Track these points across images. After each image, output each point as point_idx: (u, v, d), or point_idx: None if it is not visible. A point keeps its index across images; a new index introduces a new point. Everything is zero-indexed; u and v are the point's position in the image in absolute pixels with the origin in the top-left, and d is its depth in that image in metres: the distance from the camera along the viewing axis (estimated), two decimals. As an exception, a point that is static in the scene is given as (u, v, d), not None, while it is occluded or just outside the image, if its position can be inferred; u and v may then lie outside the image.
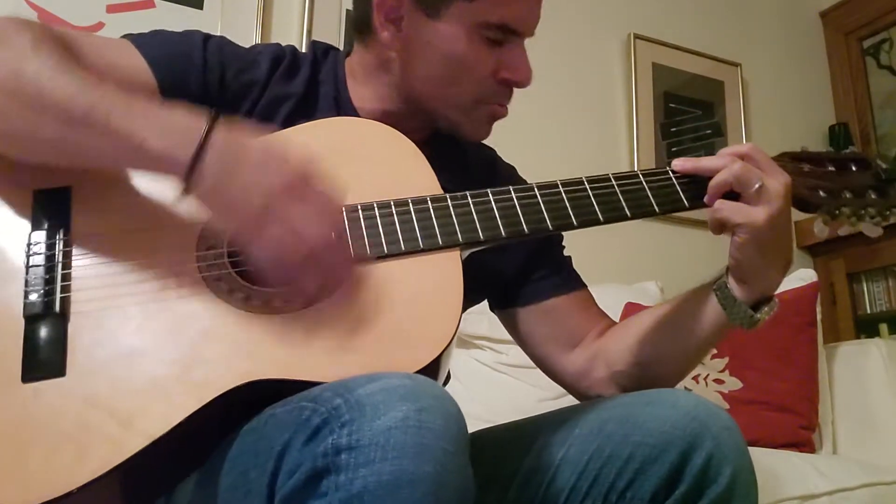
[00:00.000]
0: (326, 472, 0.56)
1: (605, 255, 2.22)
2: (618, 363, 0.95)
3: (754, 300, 0.84)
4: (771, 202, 0.79)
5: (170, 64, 0.86)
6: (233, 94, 0.89)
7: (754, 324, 0.84)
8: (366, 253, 0.76)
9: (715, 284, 0.86)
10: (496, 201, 0.83)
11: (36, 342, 0.70)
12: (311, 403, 0.61)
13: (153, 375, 0.69)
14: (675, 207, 0.85)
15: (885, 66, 2.85)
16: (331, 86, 0.95)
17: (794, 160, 0.91)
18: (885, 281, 2.56)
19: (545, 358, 1.02)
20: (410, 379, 0.61)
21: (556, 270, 1.03)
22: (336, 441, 0.57)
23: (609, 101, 2.53)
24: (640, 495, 0.73)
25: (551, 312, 1.01)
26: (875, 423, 1.82)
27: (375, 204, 0.80)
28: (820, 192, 0.89)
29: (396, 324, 0.73)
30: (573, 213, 0.83)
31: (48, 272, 0.73)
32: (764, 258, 0.81)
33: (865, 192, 0.90)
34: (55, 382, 0.68)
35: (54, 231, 0.75)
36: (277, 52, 0.95)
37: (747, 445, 0.76)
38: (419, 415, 0.57)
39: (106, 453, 0.64)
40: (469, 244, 0.80)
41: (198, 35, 0.91)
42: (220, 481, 0.68)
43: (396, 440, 0.56)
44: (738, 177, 0.80)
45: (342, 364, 0.69)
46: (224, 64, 0.89)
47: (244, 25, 2.04)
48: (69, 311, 0.72)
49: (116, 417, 0.66)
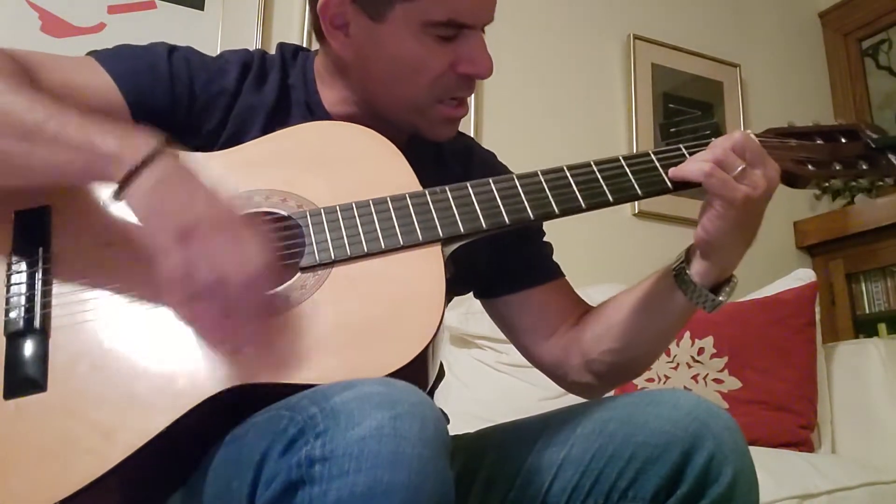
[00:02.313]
0: (301, 484, 0.56)
1: (604, 255, 2.22)
2: (590, 352, 0.96)
3: (713, 280, 0.84)
4: (756, 184, 0.79)
5: (135, 77, 0.86)
6: (202, 105, 0.89)
7: (716, 306, 0.84)
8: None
9: (674, 271, 0.86)
10: (476, 193, 0.82)
11: (17, 359, 0.70)
12: (289, 412, 0.61)
13: (133, 387, 0.68)
14: (659, 190, 0.84)
15: (883, 67, 2.85)
16: (301, 90, 0.94)
17: (780, 136, 0.89)
18: (883, 281, 2.56)
19: (525, 345, 1.04)
20: (386, 385, 0.61)
21: (532, 261, 1.03)
22: (310, 452, 0.56)
23: (608, 102, 2.54)
24: (642, 495, 0.73)
25: (530, 302, 1.01)
26: (874, 423, 1.83)
27: (354, 204, 0.79)
28: (809, 165, 0.87)
29: (378, 322, 0.72)
30: (554, 200, 0.82)
31: (29, 289, 0.73)
32: (733, 234, 0.81)
33: (856, 162, 0.88)
34: (37, 398, 0.68)
35: (34, 249, 0.76)
36: (245, 59, 0.94)
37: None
38: (394, 422, 0.57)
39: (88, 466, 0.64)
40: (450, 238, 0.79)
41: (162, 46, 0.91)
42: (205, 489, 0.68)
43: (370, 450, 0.55)
44: (719, 160, 0.79)
45: (323, 366, 0.69)
46: (191, 75, 0.89)
47: (245, 26, 2.04)
48: (50, 327, 0.72)
49: (98, 430, 0.66)
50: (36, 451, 0.66)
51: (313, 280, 0.75)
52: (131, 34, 0.93)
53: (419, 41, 0.85)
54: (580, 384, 1.00)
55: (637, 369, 1.00)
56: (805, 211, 2.69)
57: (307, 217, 0.79)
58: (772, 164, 0.82)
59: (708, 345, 1.81)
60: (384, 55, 0.87)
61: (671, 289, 0.87)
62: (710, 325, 1.82)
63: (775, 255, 2.56)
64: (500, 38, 2.44)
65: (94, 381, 0.69)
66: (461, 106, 0.91)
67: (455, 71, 0.87)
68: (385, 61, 0.88)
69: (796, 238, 2.67)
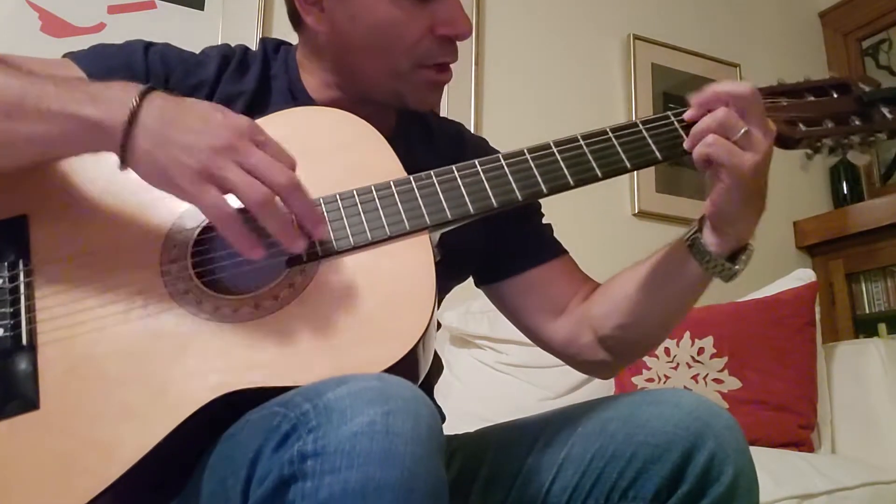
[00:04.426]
0: (294, 480, 0.56)
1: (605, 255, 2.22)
2: (602, 327, 0.94)
3: (730, 250, 0.83)
4: (757, 147, 0.78)
5: (110, 76, 0.83)
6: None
7: (733, 275, 0.83)
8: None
9: (688, 240, 0.85)
10: (462, 177, 0.79)
11: (7, 378, 0.69)
12: (282, 409, 0.61)
13: (127, 400, 0.67)
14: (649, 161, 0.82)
15: (883, 67, 2.85)
16: (283, 79, 0.94)
17: (770, 95, 0.86)
18: (883, 281, 2.56)
19: (533, 329, 1.02)
20: (380, 381, 0.60)
21: (534, 240, 1.02)
22: (302, 448, 0.56)
23: (608, 102, 2.54)
24: (643, 494, 0.73)
25: (533, 282, 1.00)
26: (874, 423, 1.83)
27: (338, 195, 0.77)
28: (800, 125, 0.85)
29: (368, 318, 0.71)
30: (542, 179, 0.80)
31: (12, 305, 0.72)
32: (744, 204, 0.80)
33: (848, 118, 0.85)
34: (30, 417, 0.67)
35: (14, 262, 0.74)
36: (226, 52, 0.93)
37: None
38: (387, 419, 0.56)
39: (87, 483, 0.64)
40: (437, 225, 0.77)
41: (138, 44, 0.90)
42: (202, 487, 0.68)
43: (363, 446, 0.55)
44: (722, 122, 0.78)
45: (315, 366, 0.68)
46: (168, 69, 0.88)
47: (245, 26, 2.04)
48: (37, 343, 0.70)
49: (94, 447, 0.65)
50: (32, 472, 0.65)
51: (301, 277, 0.74)
52: (131, 34, 0.93)
53: (394, 4, 0.84)
54: (593, 363, 0.98)
55: (650, 343, 0.98)
56: (805, 211, 2.69)
57: None
58: (768, 122, 0.80)
59: (708, 345, 1.82)
60: (360, 24, 0.86)
61: (684, 259, 0.86)
62: (710, 325, 1.83)
63: (775, 255, 2.55)
64: (501, 37, 2.44)
65: (87, 395, 0.68)
66: (444, 71, 0.89)
67: (434, 34, 0.86)
68: (362, 31, 0.86)
69: (796, 238, 2.67)
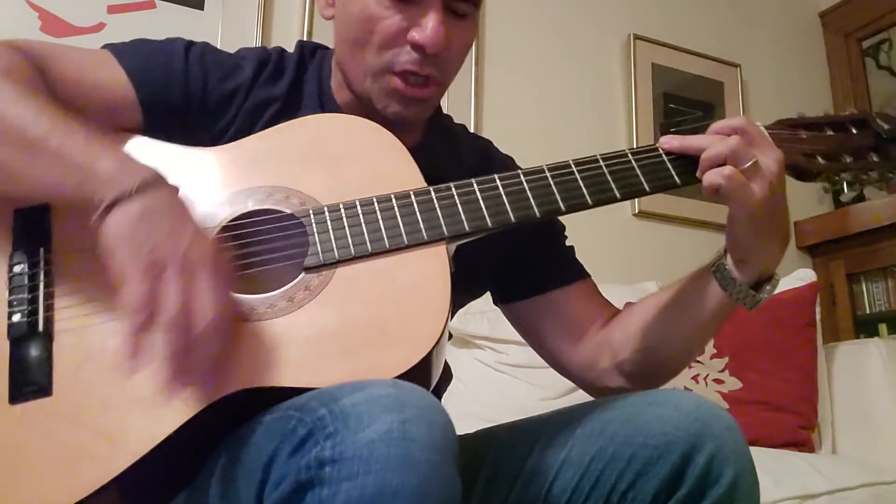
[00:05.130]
0: (311, 485, 0.56)
1: (605, 255, 2.22)
2: (622, 352, 0.94)
3: (755, 279, 0.83)
4: (764, 178, 0.78)
5: (149, 74, 0.85)
6: (216, 102, 0.88)
7: (756, 303, 0.83)
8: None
9: (713, 267, 0.85)
10: (481, 191, 0.80)
11: (21, 363, 0.69)
12: (298, 413, 0.61)
13: (138, 391, 0.67)
14: (667, 185, 0.83)
15: (884, 67, 2.85)
16: (315, 84, 0.94)
17: (790, 127, 0.88)
18: (884, 281, 2.56)
19: (550, 351, 1.01)
20: (395, 387, 0.60)
21: (556, 261, 1.02)
22: (320, 454, 0.56)
23: (609, 102, 2.53)
24: (642, 497, 0.73)
25: (554, 304, 0.99)
26: (874, 423, 1.83)
27: (358, 202, 0.78)
28: (818, 158, 0.85)
29: (382, 324, 0.72)
30: (560, 197, 0.81)
31: (31, 292, 0.72)
32: (760, 236, 0.80)
33: (866, 154, 0.86)
34: (42, 402, 0.68)
35: (35, 250, 0.75)
36: (262, 56, 0.94)
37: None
38: (403, 426, 0.57)
39: (94, 472, 0.64)
40: (455, 237, 0.78)
41: (179, 42, 0.90)
42: (210, 490, 0.68)
43: (380, 453, 0.55)
44: (734, 150, 0.78)
45: (329, 369, 0.68)
46: (206, 71, 0.88)
47: (245, 26, 2.04)
48: (53, 331, 0.71)
49: (103, 436, 0.66)
50: (42, 458, 0.65)
51: (317, 280, 0.74)
52: (131, 34, 0.93)
53: (378, 1, 0.85)
54: (611, 389, 0.96)
55: (670, 370, 0.96)
56: (805, 211, 2.69)
57: (310, 216, 0.78)
58: (774, 152, 0.80)
59: (708, 345, 1.81)
60: (349, 17, 0.87)
61: (707, 285, 0.86)
62: (711, 325, 1.82)
63: (776, 255, 2.55)
64: (501, 37, 2.44)
65: (99, 385, 0.68)
66: (412, 85, 0.87)
67: (406, 37, 0.85)
68: (349, 23, 0.88)
69: (797, 238, 2.67)
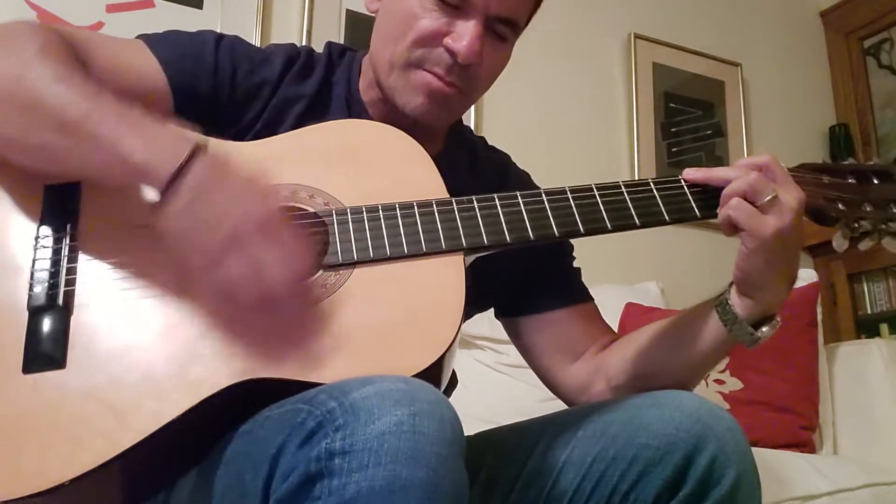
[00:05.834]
0: (320, 477, 0.56)
1: (605, 255, 2.22)
2: (617, 377, 0.93)
3: (757, 317, 0.83)
4: (783, 215, 0.77)
5: (181, 64, 0.86)
6: (243, 94, 0.89)
7: (755, 342, 0.83)
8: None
9: (716, 301, 0.85)
10: (502, 206, 0.82)
11: (38, 334, 0.70)
12: (307, 406, 0.61)
13: (150, 371, 0.69)
14: (687, 217, 0.84)
15: (885, 66, 2.85)
16: (343, 87, 0.95)
17: (813, 171, 0.88)
18: (885, 281, 2.56)
19: (546, 369, 1.01)
20: (405, 382, 0.61)
21: (562, 281, 1.02)
22: (330, 445, 0.57)
23: (609, 101, 2.53)
24: (644, 497, 0.73)
25: (554, 323, 1.00)
26: (876, 424, 1.82)
27: (380, 206, 0.80)
28: (839, 204, 0.86)
29: (395, 327, 0.73)
30: (580, 220, 0.82)
31: (54, 266, 0.73)
32: (770, 271, 0.80)
33: (887, 205, 0.88)
34: (55, 374, 0.68)
35: (62, 226, 0.76)
36: (291, 53, 0.94)
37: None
38: (413, 419, 0.57)
39: (99, 447, 0.65)
40: (473, 249, 0.79)
41: (210, 35, 0.91)
42: (216, 482, 0.68)
43: (390, 445, 0.56)
44: (753, 185, 0.78)
45: (338, 366, 0.69)
46: (235, 64, 0.89)
47: (244, 25, 2.04)
48: (72, 305, 0.72)
49: (112, 412, 0.66)
50: (49, 429, 0.66)
51: (334, 279, 0.75)
52: (130, 33, 0.93)
53: (421, 3, 0.86)
54: None
55: None
56: (806, 211, 2.68)
57: (333, 216, 0.79)
58: (795, 190, 0.80)
59: (709, 345, 1.81)
60: (393, 11, 0.89)
61: (708, 318, 0.85)
62: (712, 325, 1.82)
63: (776, 255, 2.55)
64: (501, 37, 2.43)
65: (112, 362, 0.69)
66: (442, 82, 0.87)
67: (442, 41, 0.86)
68: (391, 16, 0.89)
69: (797, 238, 2.66)
